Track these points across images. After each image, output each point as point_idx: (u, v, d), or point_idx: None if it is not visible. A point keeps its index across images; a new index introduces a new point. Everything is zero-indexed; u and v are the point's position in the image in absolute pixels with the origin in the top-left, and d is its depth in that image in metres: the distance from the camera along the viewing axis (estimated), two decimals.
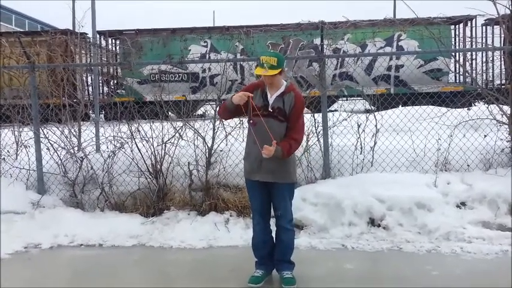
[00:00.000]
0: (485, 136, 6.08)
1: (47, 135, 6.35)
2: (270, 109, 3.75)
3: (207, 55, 16.33)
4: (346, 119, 6.43)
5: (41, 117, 6.51)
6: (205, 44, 16.61)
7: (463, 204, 5.35)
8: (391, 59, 14.93)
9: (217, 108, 4.76)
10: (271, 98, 3.79)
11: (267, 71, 3.67)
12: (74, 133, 6.60)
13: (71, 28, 14.49)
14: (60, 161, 6.26)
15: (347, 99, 13.27)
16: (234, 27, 15.92)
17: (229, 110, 3.82)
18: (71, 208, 5.93)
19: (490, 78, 14.09)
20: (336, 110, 7.90)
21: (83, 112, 7.24)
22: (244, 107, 3.75)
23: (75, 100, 7.46)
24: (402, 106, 8.12)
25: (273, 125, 3.72)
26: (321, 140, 6.12)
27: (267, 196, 3.87)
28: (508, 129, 5.97)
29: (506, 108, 5.98)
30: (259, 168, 3.78)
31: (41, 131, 6.32)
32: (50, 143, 6.31)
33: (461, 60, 14.88)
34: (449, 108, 6.81)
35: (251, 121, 3.75)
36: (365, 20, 7.99)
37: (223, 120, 4.90)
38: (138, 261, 4.75)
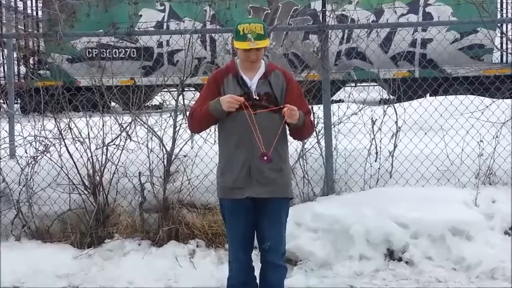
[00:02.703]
0: None
1: None
2: (255, 97, 3.71)
3: (165, 23, 16.27)
4: (356, 113, 6.46)
5: None
6: (163, 8, 16.53)
7: None
8: (415, 31, 15.05)
9: (187, 117, 4.68)
10: (252, 83, 3.76)
11: (254, 43, 3.61)
12: None
13: None
14: None
15: (357, 86, 13.31)
16: None
17: (212, 121, 3.82)
18: None
19: None
20: (341, 101, 7.91)
21: None
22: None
23: None
24: (431, 95, 8.20)
25: (263, 118, 3.66)
26: (322, 142, 6.15)
27: (252, 222, 3.85)
28: None
29: None
30: (248, 180, 3.70)
31: None
32: None
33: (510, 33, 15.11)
34: (494, 99, 6.89)
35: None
36: None
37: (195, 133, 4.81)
38: None
